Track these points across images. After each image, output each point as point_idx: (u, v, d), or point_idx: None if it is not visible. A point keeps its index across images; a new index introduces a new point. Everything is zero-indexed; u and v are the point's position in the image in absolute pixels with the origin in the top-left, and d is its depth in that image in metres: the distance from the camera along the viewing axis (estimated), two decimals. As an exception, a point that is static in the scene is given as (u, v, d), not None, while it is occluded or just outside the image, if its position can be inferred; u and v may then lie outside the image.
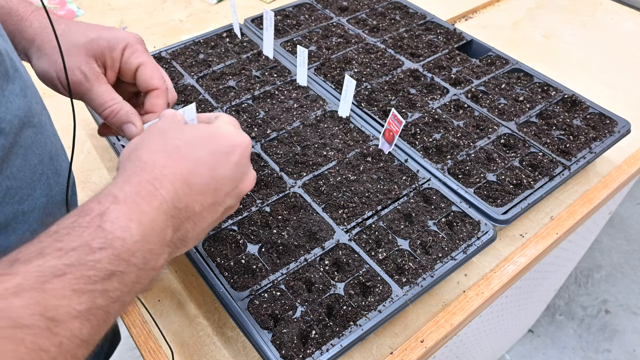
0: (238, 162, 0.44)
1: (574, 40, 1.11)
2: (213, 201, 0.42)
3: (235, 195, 0.45)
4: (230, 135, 0.45)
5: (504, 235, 0.73)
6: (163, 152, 0.40)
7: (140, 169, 0.39)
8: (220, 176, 0.42)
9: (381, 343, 0.61)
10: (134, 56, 0.52)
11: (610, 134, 0.78)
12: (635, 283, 1.94)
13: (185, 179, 0.40)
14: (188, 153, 0.41)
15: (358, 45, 0.96)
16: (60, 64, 0.49)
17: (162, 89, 0.54)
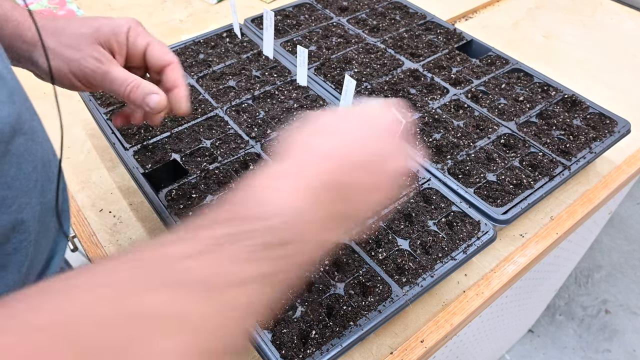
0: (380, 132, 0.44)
1: (574, 40, 1.11)
2: (369, 183, 0.41)
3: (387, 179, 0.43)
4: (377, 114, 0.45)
5: (504, 235, 0.73)
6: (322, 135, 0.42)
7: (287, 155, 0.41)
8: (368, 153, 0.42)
9: (381, 343, 0.61)
10: (139, 38, 0.53)
11: (610, 134, 0.78)
12: (635, 283, 1.94)
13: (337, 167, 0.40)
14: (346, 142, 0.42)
15: (358, 45, 0.96)
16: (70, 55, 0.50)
17: (176, 61, 0.55)
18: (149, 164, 0.72)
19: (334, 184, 0.39)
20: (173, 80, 0.54)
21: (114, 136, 0.76)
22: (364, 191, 0.41)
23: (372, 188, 0.41)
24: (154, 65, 0.55)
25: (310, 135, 0.42)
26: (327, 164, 0.39)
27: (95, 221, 0.74)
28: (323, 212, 0.38)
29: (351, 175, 0.40)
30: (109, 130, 0.77)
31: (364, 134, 0.42)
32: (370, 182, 0.41)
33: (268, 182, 0.37)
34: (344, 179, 0.40)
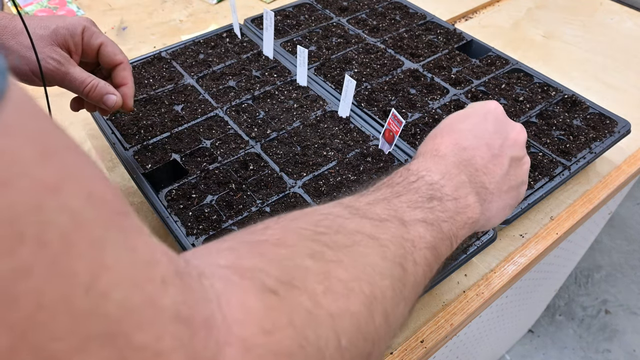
0: (495, 118, 0.50)
1: (574, 40, 1.11)
2: (491, 154, 0.47)
3: (510, 145, 0.49)
4: (478, 105, 0.52)
5: (504, 236, 0.73)
6: (438, 136, 0.49)
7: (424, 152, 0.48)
8: (482, 133, 0.48)
9: (381, 343, 0.61)
10: (93, 37, 0.59)
11: (610, 134, 0.78)
12: (635, 283, 1.94)
13: (455, 144, 0.47)
14: (454, 129, 0.49)
15: (358, 45, 0.96)
16: (31, 57, 0.53)
17: (126, 61, 0.61)
18: (149, 164, 0.72)
19: (460, 163, 0.45)
20: (122, 78, 0.60)
21: (114, 136, 0.76)
22: (495, 168, 0.46)
23: (501, 164, 0.47)
24: (106, 63, 0.60)
25: (443, 125, 0.50)
26: (447, 149, 0.46)
27: (95, 221, 0.74)
28: (463, 176, 0.43)
29: (473, 155, 0.46)
30: (109, 131, 0.77)
31: (470, 126, 0.49)
32: (495, 159, 0.47)
33: (417, 159, 0.45)
34: (470, 160, 0.46)
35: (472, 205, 0.42)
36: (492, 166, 0.46)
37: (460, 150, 0.46)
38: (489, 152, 0.47)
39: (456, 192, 0.41)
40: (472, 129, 0.48)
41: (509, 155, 0.48)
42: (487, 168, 0.46)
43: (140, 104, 0.82)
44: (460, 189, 0.42)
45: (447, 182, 0.42)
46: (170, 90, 0.85)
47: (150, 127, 0.78)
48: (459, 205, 0.41)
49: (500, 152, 0.47)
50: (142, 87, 0.86)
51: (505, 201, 0.47)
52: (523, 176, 0.49)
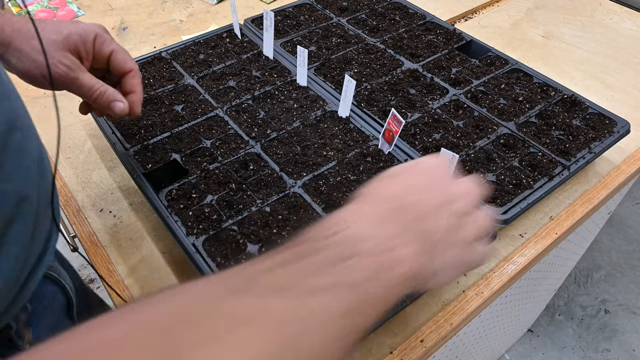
0: (442, 171, 0.46)
1: (574, 40, 1.11)
2: (435, 204, 0.42)
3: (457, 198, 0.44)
4: (426, 158, 0.49)
5: (504, 235, 0.73)
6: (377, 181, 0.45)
7: None
8: (428, 182, 0.44)
9: (381, 342, 0.61)
10: (104, 45, 0.59)
11: (610, 134, 0.78)
12: (634, 283, 1.94)
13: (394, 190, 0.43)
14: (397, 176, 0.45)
15: (358, 45, 0.96)
16: (42, 61, 0.54)
17: (136, 69, 0.61)
18: (149, 164, 0.72)
19: (399, 204, 0.40)
20: (131, 86, 0.61)
21: (114, 136, 0.77)
22: (430, 207, 0.42)
23: (437, 206, 0.42)
24: (116, 71, 0.61)
25: (376, 181, 0.45)
26: (392, 190, 0.42)
27: (95, 221, 0.74)
28: (394, 227, 0.38)
29: (415, 195, 0.42)
30: (109, 130, 0.77)
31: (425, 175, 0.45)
32: (434, 200, 0.42)
33: (336, 214, 0.39)
34: (408, 198, 0.42)
35: (406, 258, 0.37)
36: (436, 217, 0.41)
37: (400, 196, 0.42)
38: (432, 201, 0.42)
39: (383, 245, 0.36)
40: (416, 177, 0.45)
41: (454, 209, 0.43)
42: (430, 218, 0.41)
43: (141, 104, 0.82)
44: (391, 240, 0.37)
45: (373, 234, 0.36)
46: (171, 90, 0.85)
47: (150, 127, 0.78)
48: (386, 260, 0.35)
49: (446, 204, 0.43)
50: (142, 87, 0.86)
51: (453, 257, 0.42)
52: (473, 233, 0.43)
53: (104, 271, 0.68)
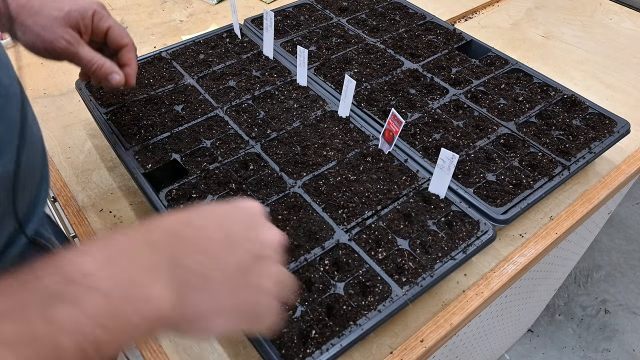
0: (250, 213, 0.42)
1: (574, 40, 1.11)
2: (226, 240, 0.38)
3: (257, 241, 0.40)
4: (238, 201, 0.44)
5: (504, 235, 0.73)
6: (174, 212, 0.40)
7: None
8: (224, 217, 0.40)
9: (381, 343, 0.61)
10: (102, 21, 0.63)
11: (610, 134, 0.78)
12: (634, 283, 1.94)
13: (181, 221, 0.38)
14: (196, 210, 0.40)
15: (358, 45, 0.96)
16: (45, 36, 0.59)
17: (131, 44, 0.67)
18: (149, 164, 0.72)
19: (185, 232, 0.36)
20: (127, 59, 0.66)
21: (114, 136, 0.77)
22: (221, 251, 0.37)
23: (231, 251, 0.38)
24: (113, 45, 0.66)
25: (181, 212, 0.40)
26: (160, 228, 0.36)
27: (95, 221, 0.74)
28: (154, 259, 0.33)
29: (195, 234, 0.37)
30: (109, 131, 0.77)
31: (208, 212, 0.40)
32: (228, 245, 0.38)
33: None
34: (184, 234, 0.36)
35: (157, 300, 0.32)
36: (224, 253, 0.37)
37: (181, 226, 0.37)
38: (224, 237, 0.38)
39: (124, 286, 0.31)
40: (217, 213, 0.40)
41: (251, 250, 0.39)
42: (214, 252, 0.37)
43: (141, 104, 0.82)
44: (136, 278, 0.32)
45: (109, 270, 0.31)
46: (171, 90, 0.85)
47: (150, 127, 0.78)
48: (123, 306, 0.30)
49: (240, 243, 0.38)
50: (142, 87, 0.86)
51: (236, 300, 0.37)
52: (267, 282, 0.39)
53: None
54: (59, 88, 0.97)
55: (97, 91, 0.85)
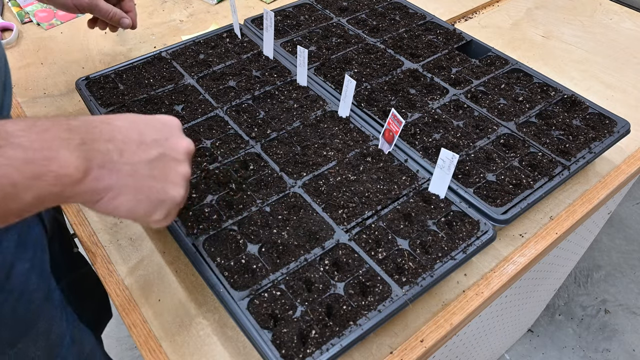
0: (161, 120, 0.51)
1: (574, 41, 1.11)
2: (139, 139, 0.47)
3: (166, 144, 0.49)
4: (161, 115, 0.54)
5: (504, 235, 0.73)
6: None
7: None
8: (143, 124, 0.48)
9: (381, 343, 0.61)
10: None
11: (610, 134, 0.78)
12: (634, 283, 1.94)
13: (102, 119, 0.46)
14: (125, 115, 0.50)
15: (358, 45, 0.96)
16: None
17: (132, 9, 0.92)
18: (149, 164, 0.72)
19: (86, 129, 0.43)
20: (129, 7, 0.91)
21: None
22: (136, 150, 0.46)
23: (144, 151, 0.47)
24: (125, 6, 0.90)
25: None
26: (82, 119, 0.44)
27: (95, 221, 0.74)
28: (75, 137, 0.41)
29: (116, 131, 0.45)
30: (109, 130, 0.77)
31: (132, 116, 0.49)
32: (141, 145, 0.46)
33: None
34: (107, 130, 0.44)
35: (64, 160, 0.39)
36: (135, 147, 0.46)
37: (99, 122, 0.45)
38: (137, 136, 0.47)
39: (38, 144, 0.38)
40: (137, 119, 0.49)
41: (160, 150, 0.48)
42: (126, 145, 0.45)
43: (141, 104, 0.82)
44: (50, 143, 0.39)
45: (28, 134, 0.39)
46: (171, 90, 0.85)
47: (150, 127, 0.78)
48: (36, 157, 0.38)
49: (151, 143, 0.48)
50: (142, 87, 0.86)
51: (142, 185, 0.46)
52: (171, 175, 0.49)
53: (104, 271, 0.68)
54: (59, 88, 0.97)
55: (97, 91, 0.85)
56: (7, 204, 0.37)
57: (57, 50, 1.05)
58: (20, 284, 0.65)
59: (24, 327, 0.66)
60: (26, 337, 0.67)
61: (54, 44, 1.07)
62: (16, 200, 0.37)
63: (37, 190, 0.38)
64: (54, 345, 0.73)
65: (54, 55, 1.04)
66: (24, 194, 0.38)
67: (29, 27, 1.09)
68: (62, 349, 0.75)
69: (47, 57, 1.04)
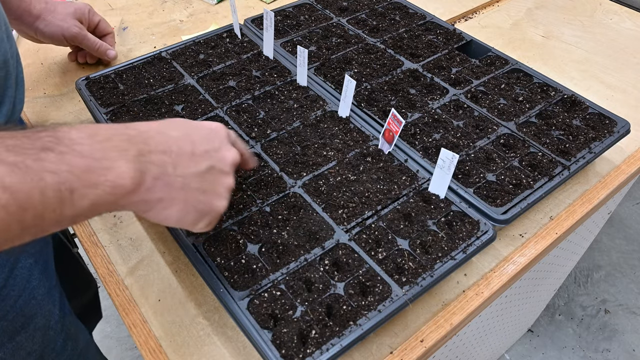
0: (211, 129, 0.53)
1: (574, 40, 1.11)
2: (191, 151, 0.49)
3: (215, 156, 0.51)
4: (209, 122, 0.56)
5: (504, 235, 0.73)
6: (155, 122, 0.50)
7: None
8: (195, 134, 0.50)
9: (381, 343, 0.61)
10: (94, 17, 0.97)
11: (610, 134, 0.78)
12: (634, 283, 1.94)
13: (158, 129, 0.48)
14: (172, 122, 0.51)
15: (358, 45, 0.96)
16: (63, 26, 0.89)
17: (113, 31, 1.01)
18: (149, 164, 0.72)
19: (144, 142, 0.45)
20: (111, 42, 1.00)
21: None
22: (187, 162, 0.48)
23: (195, 163, 0.48)
24: (101, 32, 0.99)
25: None
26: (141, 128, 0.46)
27: (95, 221, 0.75)
28: (132, 147, 0.43)
29: (171, 142, 0.47)
30: (109, 130, 0.77)
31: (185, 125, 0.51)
32: (193, 157, 0.48)
33: None
34: (163, 141, 0.46)
35: (121, 171, 0.41)
36: (187, 160, 0.48)
37: (155, 132, 0.46)
38: (190, 147, 0.49)
39: (98, 154, 0.40)
40: (190, 129, 0.51)
41: (210, 163, 0.50)
42: (179, 157, 0.47)
43: (141, 104, 0.82)
44: (109, 153, 0.41)
45: (90, 142, 0.40)
46: (171, 90, 0.85)
47: (150, 127, 0.78)
48: (95, 166, 0.40)
49: (202, 154, 0.49)
50: (142, 87, 0.86)
51: (191, 198, 0.48)
52: (217, 188, 0.51)
53: (104, 271, 0.68)
54: (59, 88, 0.97)
55: (97, 91, 0.85)
56: (64, 209, 0.38)
57: (57, 50, 1.05)
58: (24, 279, 0.67)
59: (23, 322, 0.67)
60: (24, 331, 0.67)
61: (54, 44, 1.07)
62: (72, 206, 0.38)
63: (93, 198, 0.39)
64: (50, 340, 0.74)
65: (54, 55, 1.04)
66: (80, 201, 0.39)
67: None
68: (57, 344, 0.76)
69: (47, 57, 1.04)
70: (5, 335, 0.65)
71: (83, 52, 0.99)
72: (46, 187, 0.36)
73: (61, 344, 0.77)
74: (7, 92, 0.63)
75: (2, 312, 0.64)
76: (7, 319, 0.65)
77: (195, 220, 0.50)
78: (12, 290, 0.65)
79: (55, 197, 0.37)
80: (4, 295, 0.63)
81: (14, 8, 0.84)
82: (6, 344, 0.65)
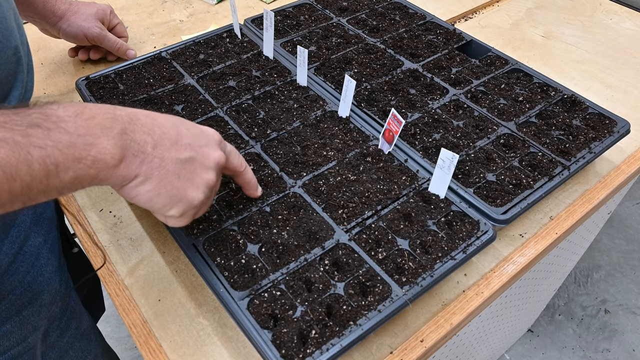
0: (203, 131, 0.54)
1: (574, 41, 1.11)
2: (176, 139, 0.50)
3: (199, 151, 0.52)
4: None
5: (504, 235, 0.73)
6: None
7: None
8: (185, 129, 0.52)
9: (381, 343, 0.61)
10: (114, 19, 1.01)
11: (610, 134, 0.78)
12: (634, 283, 1.94)
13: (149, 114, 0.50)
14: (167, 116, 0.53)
15: (358, 45, 0.96)
16: (84, 26, 0.93)
17: (127, 34, 1.04)
18: (149, 164, 0.72)
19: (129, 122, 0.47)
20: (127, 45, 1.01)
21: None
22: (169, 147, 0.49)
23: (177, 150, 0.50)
24: (117, 35, 1.01)
25: None
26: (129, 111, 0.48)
27: (95, 221, 0.75)
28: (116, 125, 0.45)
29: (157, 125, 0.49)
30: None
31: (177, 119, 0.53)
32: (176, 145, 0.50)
33: None
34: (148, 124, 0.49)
35: (102, 147, 0.43)
36: (169, 144, 0.49)
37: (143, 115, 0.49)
38: (175, 136, 0.50)
39: (82, 130, 0.43)
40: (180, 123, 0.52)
41: (191, 154, 0.51)
42: (161, 140, 0.49)
43: (141, 104, 0.82)
44: (93, 130, 0.43)
45: (75, 120, 0.43)
46: (171, 90, 0.85)
47: (150, 127, 0.78)
48: (78, 142, 0.42)
49: (185, 145, 0.51)
50: (142, 87, 0.86)
51: (165, 180, 0.49)
52: (195, 178, 0.52)
53: (104, 271, 0.68)
54: (59, 88, 0.97)
55: (97, 91, 0.85)
56: (49, 180, 0.41)
57: (57, 50, 1.05)
58: (32, 256, 0.69)
59: (30, 297, 0.69)
60: (31, 306, 0.69)
61: (54, 44, 1.07)
62: (57, 178, 0.41)
63: (76, 171, 0.42)
64: (55, 317, 0.76)
65: (54, 55, 1.04)
66: (64, 174, 0.42)
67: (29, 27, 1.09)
68: (62, 322, 0.78)
69: (47, 57, 1.04)
70: (13, 309, 0.67)
71: (85, 49, 1.00)
72: (33, 161, 0.39)
73: (65, 322, 0.79)
74: (18, 76, 0.65)
75: (10, 286, 0.65)
76: (15, 294, 0.66)
77: (166, 204, 0.50)
78: (21, 265, 0.67)
79: (42, 169, 0.40)
80: (13, 270, 0.65)
81: (39, 8, 0.89)
82: (14, 317, 0.67)
